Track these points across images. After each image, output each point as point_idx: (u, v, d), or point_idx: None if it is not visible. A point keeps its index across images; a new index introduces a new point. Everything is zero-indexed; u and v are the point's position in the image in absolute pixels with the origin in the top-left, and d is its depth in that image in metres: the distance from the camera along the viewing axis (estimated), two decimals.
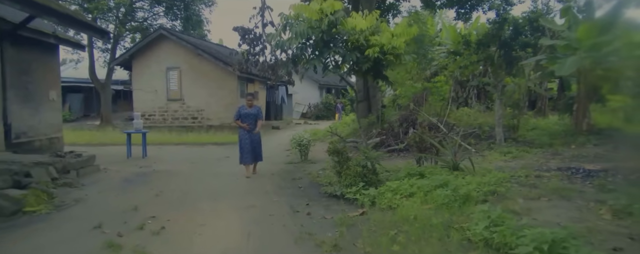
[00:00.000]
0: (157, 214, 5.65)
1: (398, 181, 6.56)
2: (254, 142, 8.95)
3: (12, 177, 6.56)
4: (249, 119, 8.94)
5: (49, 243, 4.56)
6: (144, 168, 9.91)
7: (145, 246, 4.35)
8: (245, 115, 8.95)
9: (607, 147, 9.19)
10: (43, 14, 7.70)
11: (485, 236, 4.08)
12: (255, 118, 9.02)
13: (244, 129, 8.87)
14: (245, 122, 8.90)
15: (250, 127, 8.87)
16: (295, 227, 5.10)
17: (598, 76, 12.24)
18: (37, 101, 11.20)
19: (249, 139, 8.87)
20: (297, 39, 6.71)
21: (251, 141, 8.89)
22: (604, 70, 12.19)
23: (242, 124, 8.89)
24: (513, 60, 13.39)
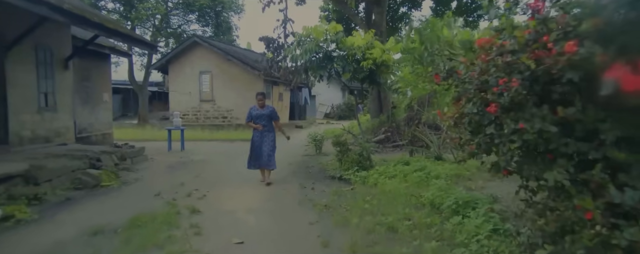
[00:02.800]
0: (198, 188, 7.53)
1: (386, 166, 8.32)
2: (265, 146, 8.15)
3: (89, 161, 8.57)
4: (262, 121, 8.22)
5: (127, 203, 6.48)
6: (183, 158, 11.85)
7: (193, 205, 6.21)
8: (257, 116, 8.23)
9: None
10: (112, 35, 9.76)
11: (431, 200, 5.79)
12: (269, 119, 8.30)
13: (257, 130, 8.22)
14: (257, 123, 8.23)
15: (263, 129, 8.18)
16: (300, 196, 6.91)
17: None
18: (93, 102, 13.34)
19: (260, 142, 8.18)
20: (307, 54, 8.53)
21: (262, 145, 8.16)
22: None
23: (254, 125, 8.23)
24: None
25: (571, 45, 1.86)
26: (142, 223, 5.20)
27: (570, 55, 1.86)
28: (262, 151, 8.14)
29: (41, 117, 9.70)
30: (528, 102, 1.99)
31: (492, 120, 2.13)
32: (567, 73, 1.88)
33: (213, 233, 4.94)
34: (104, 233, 4.93)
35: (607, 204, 1.89)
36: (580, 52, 1.84)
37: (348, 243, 4.35)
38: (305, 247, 4.52)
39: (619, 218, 1.86)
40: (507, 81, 1.98)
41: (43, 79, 9.75)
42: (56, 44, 10.17)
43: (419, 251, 4.07)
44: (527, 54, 1.98)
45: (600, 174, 1.94)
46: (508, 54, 2.03)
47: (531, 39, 2.03)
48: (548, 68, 1.93)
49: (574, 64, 1.86)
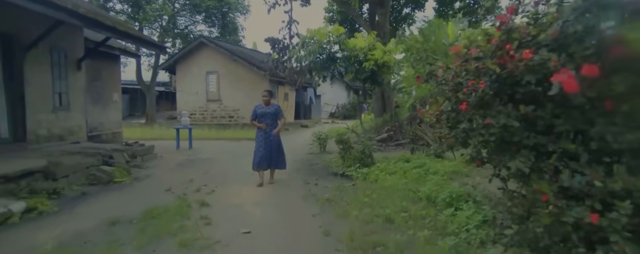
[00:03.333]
0: (207, 184, 7.89)
1: (386, 163, 8.66)
2: (271, 145, 8.02)
3: (102, 158, 8.95)
4: (267, 119, 8.07)
5: (140, 197, 6.86)
6: (191, 156, 12.23)
7: (203, 199, 6.56)
8: (263, 114, 8.08)
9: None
10: (123, 37, 10.15)
11: (428, 194, 6.12)
12: (274, 117, 8.15)
13: (261, 129, 8.05)
14: (262, 122, 8.05)
15: (268, 128, 8.02)
16: (304, 191, 7.26)
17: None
18: (103, 102, 13.76)
19: (265, 141, 8.01)
20: (311, 56, 8.88)
21: (267, 144, 7.99)
22: None
23: (259, 124, 8.05)
24: None
25: (528, 53, 2.18)
26: (155, 215, 5.57)
27: (527, 61, 2.19)
28: (271, 150, 7.98)
29: (56, 116, 10.10)
30: (495, 101, 2.32)
31: (464, 117, 2.46)
32: (526, 76, 2.21)
33: (222, 224, 5.30)
34: (120, 224, 5.30)
35: (560, 188, 2.21)
36: (535, 58, 2.17)
37: (347, 232, 4.69)
38: (308, 236, 4.86)
39: (570, 199, 2.19)
40: (475, 83, 2.31)
41: (57, 79, 10.15)
42: (70, 46, 10.58)
43: (412, 239, 4.39)
44: (493, 60, 2.31)
45: (556, 163, 2.27)
46: (473, 60, 2.36)
47: (497, 47, 2.35)
48: (511, 72, 2.25)
49: (531, 68, 2.19)
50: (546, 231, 2.29)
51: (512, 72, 2.24)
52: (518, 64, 2.20)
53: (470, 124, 2.42)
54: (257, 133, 8.15)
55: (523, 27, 2.37)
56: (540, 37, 2.32)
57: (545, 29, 2.34)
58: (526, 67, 2.19)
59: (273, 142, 8.04)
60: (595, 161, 2.21)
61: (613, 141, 2.13)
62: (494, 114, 2.28)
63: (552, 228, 2.26)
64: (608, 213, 2.05)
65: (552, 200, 2.21)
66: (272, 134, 8.01)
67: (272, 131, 8.05)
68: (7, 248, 4.43)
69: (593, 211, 2.10)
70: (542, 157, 2.33)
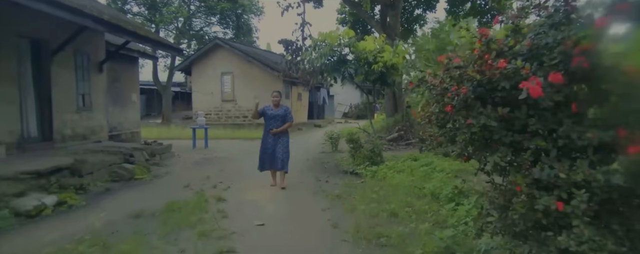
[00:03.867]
0: (223, 181, 8.30)
1: (395, 161, 8.98)
2: (277, 146, 7.74)
3: (123, 157, 9.41)
4: (276, 122, 7.77)
5: (160, 193, 7.28)
6: (207, 155, 12.66)
7: (219, 195, 6.96)
8: (272, 117, 7.77)
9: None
10: (143, 41, 10.62)
11: (432, 190, 6.44)
12: (283, 120, 7.80)
13: (269, 132, 7.80)
14: (271, 125, 7.75)
15: (275, 131, 7.73)
16: (315, 188, 7.63)
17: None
18: (123, 102, 14.27)
19: (272, 142, 7.76)
20: (322, 58, 9.24)
21: (274, 145, 7.75)
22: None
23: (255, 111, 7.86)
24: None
25: (503, 62, 2.51)
26: (176, 208, 5.98)
27: (502, 69, 2.51)
28: (276, 153, 7.71)
29: (79, 116, 10.60)
30: (476, 103, 2.64)
31: (450, 117, 2.79)
32: (502, 82, 2.53)
33: (237, 217, 5.68)
34: (144, 216, 5.71)
35: (532, 180, 2.52)
36: (509, 67, 2.49)
37: (353, 225, 5.05)
38: (317, 228, 5.22)
39: (540, 190, 2.50)
40: (457, 88, 2.64)
41: (81, 81, 10.65)
42: (92, 49, 11.07)
43: (414, 231, 4.72)
44: (474, 68, 2.63)
45: (530, 158, 2.58)
46: (455, 69, 2.69)
47: (478, 56, 2.68)
48: (489, 78, 2.57)
49: (505, 75, 2.51)
50: (521, 218, 2.62)
51: (490, 78, 2.56)
52: (495, 72, 2.52)
53: (455, 124, 2.75)
54: (263, 134, 7.93)
55: (501, 39, 2.70)
56: (516, 48, 2.65)
57: (520, 41, 2.67)
58: (501, 74, 2.52)
59: (281, 146, 7.76)
60: (563, 156, 2.53)
61: (577, 139, 2.45)
62: (475, 115, 2.60)
63: (526, 215, 2.58)
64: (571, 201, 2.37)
65: (525, 190, 2.53)
66: (279, 136, 7.77)
67: (280, 134, 7.80)
68: (46, 236, 4.86)
69: (559, 200, 2.42)
70: (519, 153, 2.65)
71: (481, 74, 2.59)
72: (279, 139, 7.79)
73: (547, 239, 2.51)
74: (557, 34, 2.48)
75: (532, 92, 2.30)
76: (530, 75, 2.45)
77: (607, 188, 2.32)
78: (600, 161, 2.43)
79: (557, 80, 2.35)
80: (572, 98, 2.50)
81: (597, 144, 2.41)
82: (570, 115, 2.51)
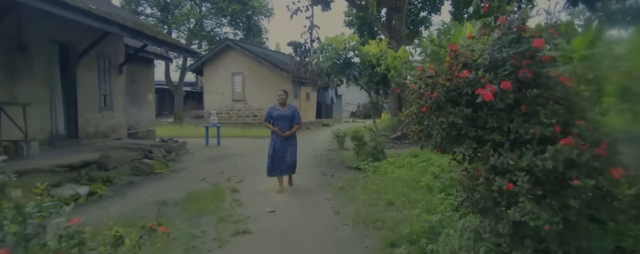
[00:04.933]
0: (236, 175, 8.99)
1: (396, 158, 9.62)
2: (286, 149, 7.47)
3: (143, 153, 10.13)
4: (283, 122, 7.48)
5: (180, 185, 7.98)
6: (220, 152, 13.37)
7: (233, 187, 7.64)
8: (278, 117, 7.49)
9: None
10: (161, 45, 11.35)
11: (427, 183, 7.07)
12: (291, 121, 7.51)
13: (276, 134, 7.50)
14: (278, 125, 7.46)
15: (283, 132, 7.45)
16: (321, 181, 8.29)
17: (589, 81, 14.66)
18: (139, 102, 15.03)
19: (282, 145, 7.46)
20: (329, 61, 9.90)
21: (284, 148, 7.45)
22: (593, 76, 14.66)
23: (272, 127, 7.52)
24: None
25: (466, 72, 3.14)
26: (195, 198, 6.67)
27: (465, 78, 3.14)
28: (286, 156, 7.43)
29: (101, 116, 11.35)
30: (446, 105, 3.27)
31: (426, 116, 3.42)
32: (465, 89, 3.16)
33: (251, 205, 6.37)
34: (167, 204, 6.41)
35: (490, 166, 3.15)
36: (470, 76, 3.12)
37: (354, 211, 5.71)
38: (321, 214, 5.89)
39: (497, 174, 3.13)
40: (431, 93, 3.27)
41: (103, 82, 11.41)
42: (113, 52, 11.82)
43: (406, 216, 5.36)
44: (444, 77, 3.26)
45: (489, 149, 3.22)
46: (427, 78, 3.32)
47: (447, 68, 3.31)
48: (456, 85, 3.20)
49: (468, 83, 3.14)
50: (482, 197, 3.26)
51: (457, 85, 3.20)
52: (459, 80, 3.16)
53: (429, 121, 3.39)
54: (271, 137, 7.62)
55: (466, 53, 3.33)
56: (479, 61, 3.28)
57: (482, 55, 3.30)
58: (465, 82, 3.15)
59: (290, 149, 7.51)
60: (514, 147, 3.16)
61: (524, 133, 3.08)
62: (445, 115, 3.24)
63: (486, 195, 3.22)
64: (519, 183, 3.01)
65: (485, 175, 3.17)
66: (288, 139, 7.50)
67: (289, 138, 7.54)
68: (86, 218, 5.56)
69: (510, 182, 3.05)
70: (481, 145, 3.29)
71: (449, 81, 3.23)
72: (288, 142, 7.51)
73: (501, 214, 3.15)
74: (509, 50, 3.12)
75: (485, 97, 2.94)
76: (488, 83, 3.08)
77: (546, 172, 2.95)
78: (541, 151, 3.06)
79: (507, 87, 2.99)
80: (521, 101, 3.14)
81: (539, 138, 3.05)
82: (520, 114, 3.15)
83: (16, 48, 8.18)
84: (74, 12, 7.03)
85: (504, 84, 3.01)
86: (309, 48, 15.59)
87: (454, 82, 3.20)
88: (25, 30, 8.38)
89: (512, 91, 3.02)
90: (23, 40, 8.33)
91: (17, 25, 8.07)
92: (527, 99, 3.16)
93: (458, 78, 3.18)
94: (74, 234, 2.15)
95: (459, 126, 3.29)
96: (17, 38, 8.20)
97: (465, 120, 3.27)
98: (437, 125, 3.32)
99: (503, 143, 3.20)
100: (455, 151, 3.34)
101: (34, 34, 8.65)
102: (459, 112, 3.27)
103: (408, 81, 15.91)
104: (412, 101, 3.58)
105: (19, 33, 8.21)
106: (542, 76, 3.11)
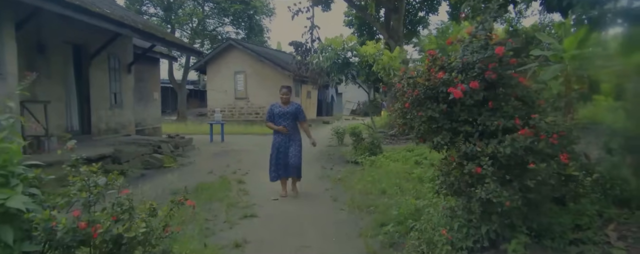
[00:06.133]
0: (241, 168, 9.58)
1: (392, 152, 10.19)
2: (291, 151, 6.95)
3: (152, 148, 10.72)
4: (285, 120, 6.97)
5: (189, 177, 8.57)
6: (224, 148, 13.96)
7: (239, 179, 8.23)
8: (281, 115, 6.98)
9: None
10: (169, 46, 11.94)
11: (419, 174, 7.64)
12: (294, 119, 7.04)
13: (279, 133, 7.02)
14: (280, 124, 6.98)
15: (287, 130, 6.95)
16: (321, 174, 8.89)
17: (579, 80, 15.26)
18: (146, 100, 15.61)
19: (285, 147, 6.98)
20: (328, 61, 10.48)
21: (286, 149, 6.97)
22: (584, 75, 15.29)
23: (275, 127, 7.01)
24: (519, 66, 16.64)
25: (441, 73, 3.71)
26: (205, 188, 7.26)
27: (440, 78, 3.71)
28: (289, 157, 6.94)
29: (112, 113, 11.94)
30: (426, 101, 3.83)
31: (408, 111, 3.99)
32: (440, 87, 3.73)
33: (256, 194, 6.96)
34: (179, 193, 6.94)
35: (463, 153, 3.72)
36: (444, 77, 3.69)
37: (350, 199, 6.29)
38: (321, 201, 6.49)
39: (468, 160, 3.70)
40: (411, 91, 3.84)
41: (113, 81, 11.99)
42: (122, 53, 12.40)
43: (396, 202, 5.93)
44: (423, 77, 3.83)
45: (462, 139, 3.79)
46: (409, 78, 3.90)
47: (426, 69, 3.88)
48: (433, 84, 3.77)
49: (443, 82, 3.71)
50: (456, 180, 3.84)
51: (434, 84, 3.78)
52: (436, 80, 3.74)
53: (411, 115, 3.97)
54: (273, 137, 7.14)
55: (443, 57, 3.91)
56: (453, 64, 3.85)
57: (456, 59, 3.87)
58: (441, 82, 3.73)
59: (294, 149, 7.01)
60: (482, 137, 3.74)
61: (490, 125, 3.65)
62: (425, 110, 3.82)
63: (459, 178, 3.80)
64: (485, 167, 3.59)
65: (457, 160, 3.75)
66: (291, 138, 7.03)
67: (291, 134, 7.03)
68: None
69: (478, 166, 3.63)
70: (455, 135, 3.87)
71: (428, 81, 3.80)
72: (291, 140, 7.01)
73: (472, 193, 3.72)
74: (478, 55, 3.69)
75: (456, 95, 3.51)
76: (459, 83, 3.65)
77: (507, 157, 3.53)
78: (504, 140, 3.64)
79: (475, 86, 3.56)
80: (489, 98, 3.71)
81: (503, 129, 3.62)
82: (487, 109, 3.72)
83: (36, 50, 8.75)
84: (92, 16, 7.61)
85: (472, 83, 3.58)
86: (309, 48, 16.17)
87: (432, 82, 3.77)
88: (44, 34, 8.96)
89: (480, 89, 3.59)
90: (42, 42, 8.90)
91: (37, 29, 8.63)
92: (493, 97, 3.74)
93: (435, 78, 3.75)
94: (124, 202, 2.74)
95: (436, 119, 3.86)
96: (37, 41, 8.77)
97: (442, 114, 3.84)
98: (417, 118, 3.89)
99: (473, 134, 3.77)
100: (433, 140, 3.91)
101: (52, 36, 9.22)
102: (436, 107, 3.84)
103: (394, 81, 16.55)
104: (397, 98, 4.15)
105: (38, 36, 8.79)
106: (506, 77, 3.69)
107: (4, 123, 2.72)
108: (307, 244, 4.69)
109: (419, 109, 3.88)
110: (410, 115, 3.94)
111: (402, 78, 4.03)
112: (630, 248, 3.94)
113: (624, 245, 4.00)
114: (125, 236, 2.66)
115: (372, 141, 10.53)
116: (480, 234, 3.85)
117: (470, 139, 3.78)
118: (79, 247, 2.71)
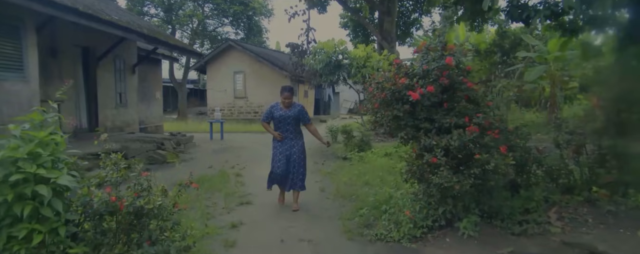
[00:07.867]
0: (239, 164, 10.30)
1: (381, 148, 10.92)
2: (293, 159, 6.29)
3: (156, 145, 11.44)
4: (287, 125, 6.25)
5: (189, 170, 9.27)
6: (224, 145, 14.67)
7: (237, 172, 8.96)
8: (281, 119, 6.21)
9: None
10: (172, 49, 12.66)
11: (401, 168, 8.35)
12: (297, 122, 6.33)
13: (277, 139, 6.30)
14: (280, 129, 6.27)
15: (282, 138, 6.28)
16: (313, 168, 9.56)
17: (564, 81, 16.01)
18: (148, 99, 16.32)
19: (287, 154, 6.29)
20: (320, 64, 11.20)
21: (289, 157, 6.28)
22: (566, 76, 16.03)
23: (270, 130, 6.36)
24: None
25: (403, 79, 4.43)
26: (205, 180, 7.98)
27: (403, 83, 4.43)
28: (289, 166, 6.28)
29: (117, 111, 12.65)
30: (392, 102, 4.56)
31: (378, 111, 4.72)
32: (403, 91, 4.45)
33: (252, 185, 7.69)
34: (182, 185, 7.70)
35: (422, 146, 4.45)
36: (406, 82, 4.41)
37: (335, 189, 7.02)
38: (310, 191, 7.19)
39: (426, 152, 4.43)
40: (379, 94, 4.56)
41: (118, 82, 12.70)
42: (127, 54, 13.11)
43: (377, 192, 6.66)
44: (389, 82, 4.55)
45: (422, 134, 4.51)
46: (376, 83, 4.62)
47: (393, 76, 4.60)
48: (397, 88, 4.49)
49: (406, 87, 4.43)
50: (418, 168, 4.57)
51: (398, 88, 4.51)
52: (399, 85, 4.47)
53: (380, 114, 4.70)
54: (273, 143, 6.45)
55: (406, 65, 4.64)
56: (415, 70, 4.58)
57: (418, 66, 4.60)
58: (403, 86, 4.46)
59: (296, 156, 6.34)
60: (439, 132, 4.46)
61: (445, 123, 4.38)
62: (391, 109, 4.55)
63: (419, 166, 4.53)
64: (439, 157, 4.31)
65: (418, 152, 4.48)
66: (294, 142, 6.38)
67: (293, 140, 6.37)
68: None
69: (434, 157, 4.35)
70: (417, 131, 4.60)
71: (394, 85, 4.53)
72: (293, 144, 6.36)
73: (430, 180, 4.45)
74: (434, 64, 4.42)
75: (413, 97, 4.24)
76: (419, 87, 4.38)
77: (458, 149, 4.25)
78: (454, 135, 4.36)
79: (431, 90, 4.29)
80: (444, 100, 4.44)
81: (455, 126, 4.35)
82: (443, 110, 4.46)
83: (49, 53, 9.47)
84: (102, 23, 8.33)
85: (429, 88, 4.31)
86: (305, 49, 16.88)
87: (397, 86, 4.49)
88: (57, 38, 9.67)
89: (436, 92, 4.32)
90: (55, 46, 9.62)
91: (51, 34, 9.34)
92: (448, 99, 4.47)
93: (399, 83, 4.48)
94: (144, 182, 3.47)
95: (401, 118, 4.60)
96: (50, 45, 9.48)
97: (405, 113, 4.57)
98: (385, 117, 4.63)
99: (431, 130, 4.50)
100: (399, 135, 4.64)
101: (63, 40, 9.94)
102: (400, 107, 4.57)
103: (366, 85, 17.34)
104: (369, 100, 4.88)
105: (52, 41, 9.50)
106: (457, 82, 4.42)
107: (50, 120, 3.43)
108: (294, 225, 5.43)
109: (387, 109, 4.61)
110: (380, 114, 4.67)
111: (371, 83, 4.77)
112: (564, 227, 4.69)
113: (560, 224, 4.75)
114: (146, 207, 3.38)
115: (362, 138, 11.24)
116: (438, 214, 4.60)
117: (428, 134, 4.51)
118: (107, 217, 3.44)
